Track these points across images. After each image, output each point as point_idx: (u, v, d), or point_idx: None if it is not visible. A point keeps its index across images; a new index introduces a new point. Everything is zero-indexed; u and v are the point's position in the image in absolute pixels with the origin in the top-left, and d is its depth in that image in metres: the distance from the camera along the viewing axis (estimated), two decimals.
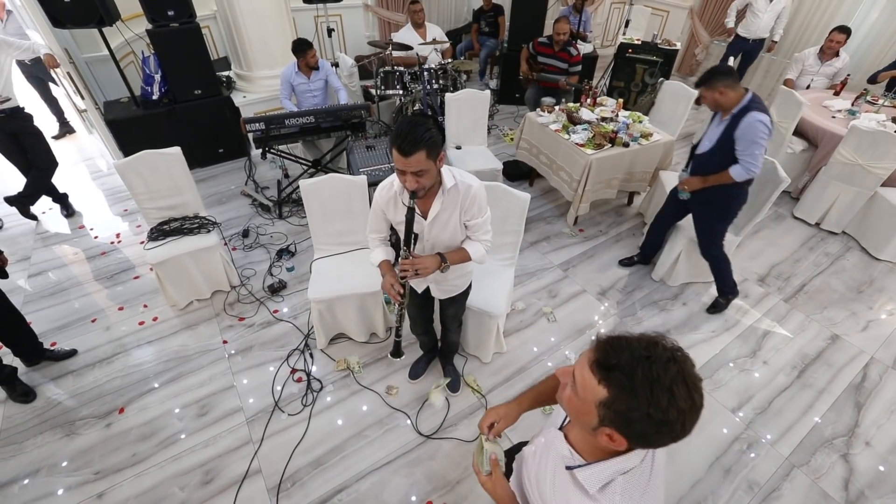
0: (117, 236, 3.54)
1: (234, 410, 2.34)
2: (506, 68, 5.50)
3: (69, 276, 3.18)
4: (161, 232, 2.73)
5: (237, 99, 4.30)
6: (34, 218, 3.69)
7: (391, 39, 4.37)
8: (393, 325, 1.84)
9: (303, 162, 3.80)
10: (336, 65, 4.37)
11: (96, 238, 3.54)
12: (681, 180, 2.64)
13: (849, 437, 2.27)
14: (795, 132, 3.81)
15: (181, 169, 2.71)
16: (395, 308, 1.77)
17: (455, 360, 2.50)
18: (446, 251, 1.70)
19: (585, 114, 3.65)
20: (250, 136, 3.35)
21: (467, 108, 3.73)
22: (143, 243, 2.74)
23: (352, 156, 3.41)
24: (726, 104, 2.29)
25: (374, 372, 2.55)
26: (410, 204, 1.52)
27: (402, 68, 4.39)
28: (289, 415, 2.32)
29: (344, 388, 2.46)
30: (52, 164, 3.51)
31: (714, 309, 2.93)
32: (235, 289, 3.03)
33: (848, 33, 4.03)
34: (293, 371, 2.53)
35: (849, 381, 2.53)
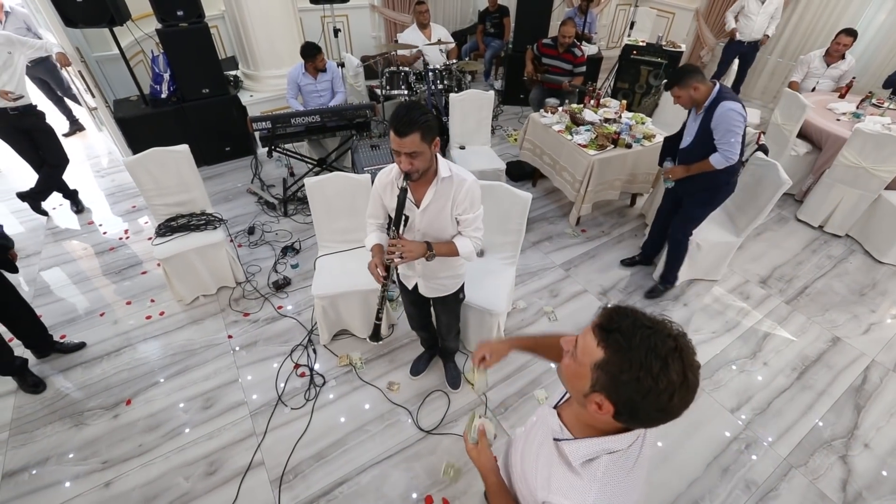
0: (125, 232, 3.60)
1: (238, 404, 2.39)
2: (510, 69, 5.53)
3: (78, 270, 3.24)
4: (168, 228, 2.78)
5: (244, 98, 4.35)
6: (45, 214, 3.76)
7: (396, 40, 4.40)
8: (375, 308, 1.86)
9: (308, 160, 3.84)
10: (342, 65, 4.42)
11: (105, 234, 3.59)
12: (665, 170, 2.73)
13: (848, 438, 2.28)
14: (800, 135, 3.80)
15: (189, 166, 2.76)
16: (379, 291, 1.79)
17: (456, 358, 2.53)
18: (435, 242, 1.72)
19: (589, 115, 3.67)
20: (257, 134, 3.39)
21: (472, 109, 3.76)
22: (150, 239, 2.79)
23: (356, 155, 3.45)
24: (700, 99, 2.38)
25: (376, 368, 2.58)
26: (403, 184, 1.54)
27: (406, 69, 4.43)
28: (292, 409, 2.36)
29: (346, 383, 2.50)
30: (63, 160, 3.57)
31: (651, 294, 3.04)
32: (241, 285, 3.08)
33: (855, 36, 4.01)
34: (296, 366, 2.57)
35: (849, 384, 2.54)
